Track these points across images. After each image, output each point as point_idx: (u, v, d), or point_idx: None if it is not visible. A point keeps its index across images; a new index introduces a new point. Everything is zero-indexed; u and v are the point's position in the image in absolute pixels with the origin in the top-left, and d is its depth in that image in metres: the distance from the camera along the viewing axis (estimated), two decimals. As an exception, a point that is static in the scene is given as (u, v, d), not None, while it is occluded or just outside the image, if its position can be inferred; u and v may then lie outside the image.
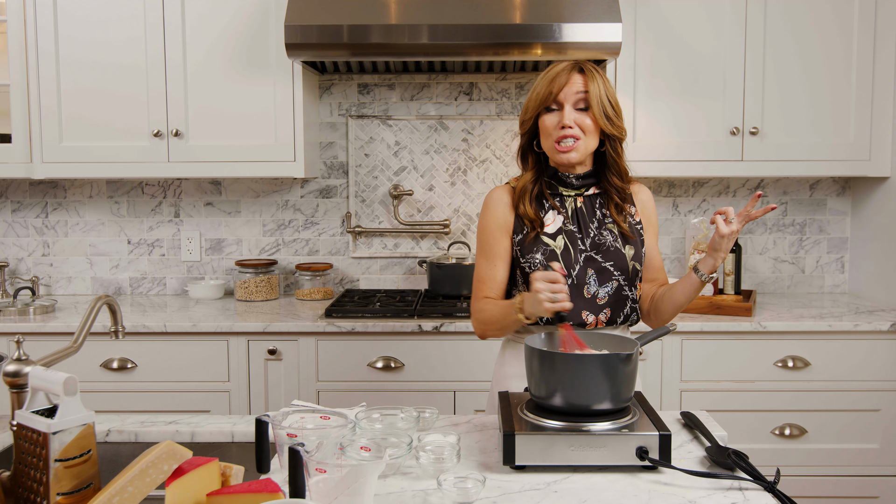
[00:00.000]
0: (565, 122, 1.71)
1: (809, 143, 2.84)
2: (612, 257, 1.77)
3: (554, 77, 1.73)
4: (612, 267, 1.77)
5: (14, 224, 3.24)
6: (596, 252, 1.77)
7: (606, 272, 1.76)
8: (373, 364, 2.63)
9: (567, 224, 1.79)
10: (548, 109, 1.74)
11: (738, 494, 1.28)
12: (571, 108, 1.72)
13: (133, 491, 1.11)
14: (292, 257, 3.25)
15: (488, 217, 1.82)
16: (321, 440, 1.27)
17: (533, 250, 1.76)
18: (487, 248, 1.82)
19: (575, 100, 1.72)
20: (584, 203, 1.81)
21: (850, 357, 2.62)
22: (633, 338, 1.52)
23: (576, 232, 1.78)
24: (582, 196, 1.81)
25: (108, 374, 2.65)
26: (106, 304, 1.58)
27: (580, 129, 1.72)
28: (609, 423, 1.38)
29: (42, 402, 1.21)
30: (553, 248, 1.76)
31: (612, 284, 1.77)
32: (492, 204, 1.83)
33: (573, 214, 1.80)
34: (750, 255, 3.21)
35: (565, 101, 1.72)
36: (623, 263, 1.77)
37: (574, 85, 1.72)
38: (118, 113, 2.84)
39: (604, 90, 1.73)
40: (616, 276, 1.77)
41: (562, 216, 1.79)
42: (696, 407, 2.60)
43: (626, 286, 1.79)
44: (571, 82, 1.72)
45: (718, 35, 2.80)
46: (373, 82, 3.18)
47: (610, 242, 1.78)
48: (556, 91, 1.72)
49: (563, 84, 1.72)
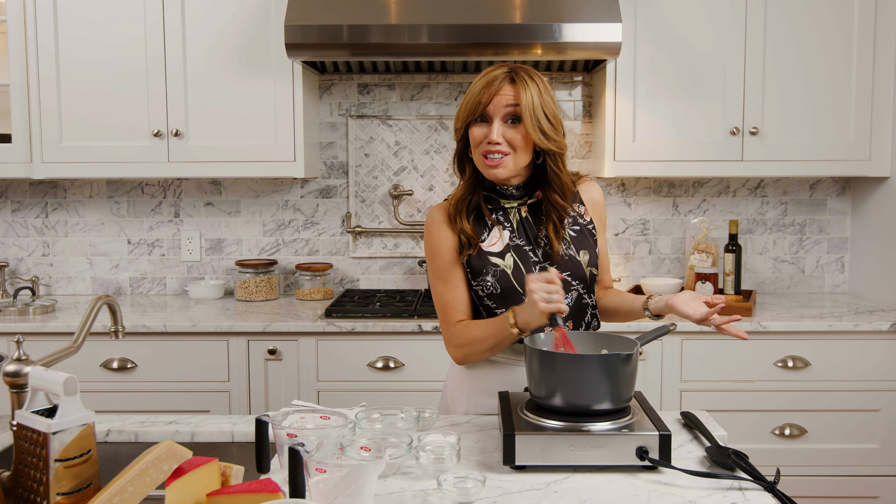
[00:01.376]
0: (492, 138, 1.58)
1: (809, 143, 2.84)
2: (567, 266, 1.67)
3: (484, 86, 1.59)
4: (570, 277, 1.67)
5: (14, 224, 3.24)
6: (550, 263, 1.67)
7: (565, 284, 1.65)
8: (373, 364, 2.63)
9: (514, 238, 1.68)
10: (477, 120, 1.61)
11: (738, 494, 1.28)
12: (500, 123, 1.59)
13: (133, 491, 1.11)
14: (292, 257, 3.25)
15: (436, 239, 1.70)
16: (321, 440, 1.27)
17: (482, 272, 1.66)
18: (443, 272, 1.70)
19: (504, 113, 1.58)
20: (530, 212, 1.70)
21: (850, 357, 2.62)
22: (632, 338, 1.52)
23: (524, 245, 1.68)
24: (525, 205, 1.70)
25: (108, 374, 2.65)
26: (106, 304, 1.58)
27: (509, 145, 1.59)
28: (609, 423, 1.38)
29: (42, 402, 1.21)
30: (503, 269, 1.66)
31: (571, 295, 1.67)
32: (433, 226, 1.71)
33: (519, 226, 1.69)
34: (750, 255, 3.21)
35: (494, 115, 1.59)
36: (580, 271, 1.68)
37: (504, 97, 1.58)
38: (118, 113, 2.84)
39: (538, 101, 1.58)
40: (574, 285, 1.67)
41: (507, 230, 1.68)
42: (696, 407, 2.60)
43: (584, 294, 1.69)
44: (501, 93, 1.58)
45: (718, 35, 2.80)
46: (373, 82, 3.18)
47: (563, 250, 1.67)
48: (486, 102, 1.58)
49: (493, 95, 1.58)
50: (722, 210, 3.20)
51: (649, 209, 3.20)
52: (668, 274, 3.22)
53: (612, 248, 3.21)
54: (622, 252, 3.21)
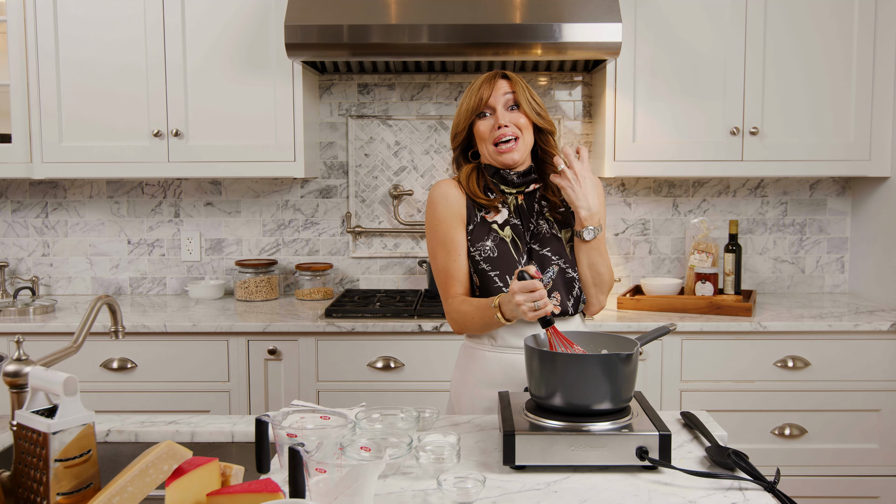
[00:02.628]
0: (501, 122, 1.77)
1: (809, 143, 2.84)
2: (548, 243, 1.82)
3: (481, 85, 1.80)
4: (550, 252, 1.81)
5: (14, 224, 3.24)
6: (535, 243, 1.82)
7: (546, 259, 1.81)
8: (373, 364, 2.63)
9: (511, 218, 1.84)
10: (480, 116, 1.81)
11: (738, 494, 1.28)
12: (504, 110, 1.79)
13: (133, 491, 1.11)
14: (292, 257, 3.25)
15: (442, 208, 1.82)
16: (321, 440, 1.27)
17: (483, 238, 1.80)
18: (447, 240, 1.82)
19: (504, 101, 1.79)
20: (525, 200, 1.86)
21: (850, 357, 2.62)
22: (632, 338, 1.52)
23: (519, 225, 1.83)
24: (522, 193, 1.86)
25: (108, 374, 2.65)
26: (106, 304, 1.58)
27: (516, 128, 1.79)
28: (609, 423, 1.38)
29: (42, 402, 1.21)
30: (503, 237, 1.81)
31: (553, 269, 1.80)
32: (442, 196, 1.83)
33: (515, 211, 1.85)
34: (750, 255, 3.21)
35: (496, 105, 1.79)
36: (559, 248, 1.82)
37: (501, 89, 1.80)
38: (118, 113, 2.84)
39: (528, 91, 1.82)
40: (555, 260, 1.81)
41: (506, 209, 1.84)
42: (696, 407, 2.60)
43: (567, 268, 1.82)
44: (498, 87, 1.80)
45: (718, 35, 2.80)
46: (373, 82, 3.18)
47: (546, 230, 1.83)
48: (487, 97, 1.79)
49: (492, 88, 1.80)
50: (722, 210, 3.20)
51: (649, 209, 3.20)
52: (668, 274, 3.22)
53: (611, 248, 3.21)
54: (622, 252, 3.21)
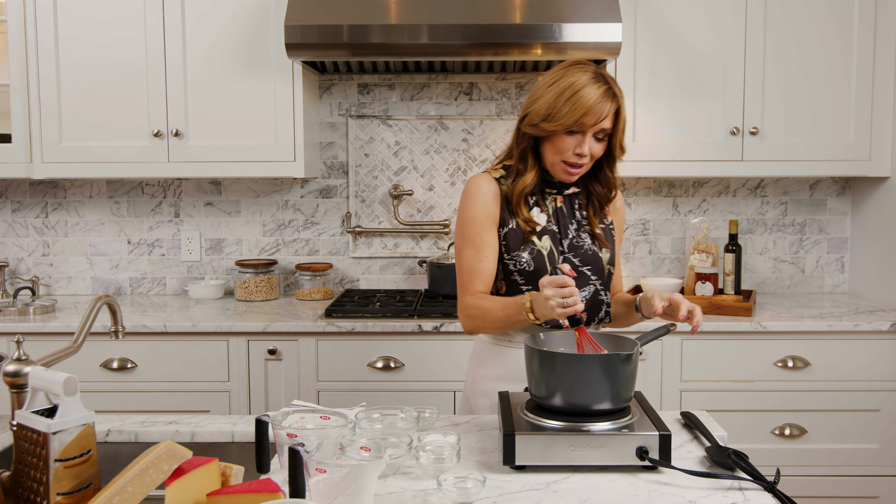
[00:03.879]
0: (583, 151, 1.68)
1: (809, 143, 2.84)
2: (589, 261, 1.76)
3: (590, 109, 1.64)
4: (590, 271, 1.76)
5: (14, 224, 3.24)
6: (574, 255, 1.76)
7: (584, 276, 1.75)
8: (373, 364, 2.63)
9: (549, 224, 1.77)
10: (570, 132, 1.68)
11: (738, 494, 1.28)
12: (591, 138, 1.68)
13: (133, 491, 1.11)
14: (292, 257, 3.25)
15: (477, 206, 1.76)
16: (321, 440, 1.27)
17: (520, 248, 1.74)
18: (477, 239, 1.75)
19: (597, 130, 1.68)
20: (564, 202, 1.80)
21: (850, 357, 2.62)
22: (632, 338, 1.52)
23: (557, 232, 1.77)
24: (562, 195, 1.80)
25: (108, 374, 2.65)
26: (106, 304, 1.58)
27: (590, 156, 1.71)
28: (609, 423, 1.38)
29: (42, 402, 1.21)
30: (539, 249, 1.74)
31: (588, 289, 1.75)
32: (478, 193, 1.76)
33: (554, 213, 1.78)
34: (750, 255, 3.21)
35: (589, 132, 1.68)
36: (599, 266, 1.77)
37: (606, 121, 1.67)
38: (118, 113, 2.84)
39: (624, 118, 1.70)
40: (593, 280, 1.76)
41: (545, 214, 1.78)
42: (696, 407, 2.60)
43: (601, 290, 1.78)
44: (607, 117, 1.66)
45: (718, 35, 2.80)
46: (373, 82, 3.18)
47: (588, 245, 1.77)
48: (591, 124, 1.66)
49: (598, 119, 1.65)
50: (722, 210, 3.20)
51: (649, 209, 3.20)
52: (668, 274, 3.22)
53: (612, 248, 3.21)
54: (622, 252, 3.21)
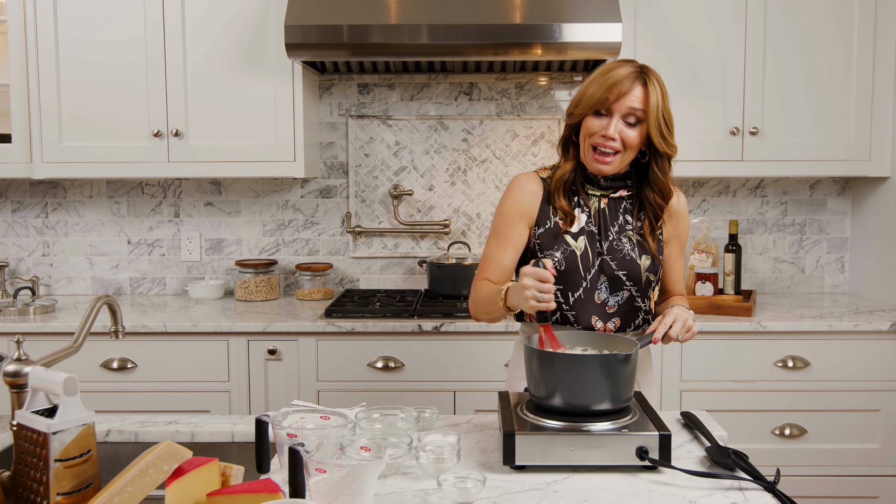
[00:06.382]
0: (609, 133, 1.63)
1: (809, 143, 2.84)
2: (626, 266, 1.72)
3: (614, 84, 1.61)
4: (625, 277, 1.72)
5: (14, 224, 3.24)
6: (611, 258, 1.72)
7: (618, 281, 1.72)
8: (373, 364, 2.63)
9: (589, 224, 1.74)
10: (597, 113, 1.65)
11: (738, 494, 1.28)
12: (619, 119, 1.63)
13: (133, 491, 1.11)
14: (292, 257, 3.25)
15: (511, 201, 1.77)
16: (321, 440, 1.27)
17: (553, 247, 1.72)
18: (502, 231, 1.77)
19: (626, 112, 1.63)
20: (609, 205, 1.75)
21: (850, 357, 2.62)
22: (632, 338, 1.52)
23: (596, 234, 1.74)
24: (607, 197, 1.76)
25: (108, 374, 2.65)
26: (106, 304, 1.58)
27: (622, 143, 1.64)
28: (609, 424, 1.38)
29: (42, 402, 1.21)
30: (573, 249, 1.71)
31: (622, 294, 1.73)
32: (517, 189, 1.78)
33: (596, 214, 1.75)
34: (750, 255, 3.21)
35: (616, 112, 1.63)
36: (636, 273, 1.72)
37: (632, 98, 1.62)
38: (118, 113, 2.84)
39: (662, 104, 1.63)
40: (628, 285, 1.72)
41: (585, 214, 1.74)
42: (697, 407, 2.60)
43: (637, 297, 1.74)
44: (631, 94, 1.62)
45: (718, 35, 2.80)
46: (373, 82, 3.18)
47: (627, 250, 1.73)
48: (613, 100, 1.62)
49: (622, 95, 1.62)
50: (722, 210, 3.20)
51: (649, 209, 3.20)
52: (668, 274, 3.22)
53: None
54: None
